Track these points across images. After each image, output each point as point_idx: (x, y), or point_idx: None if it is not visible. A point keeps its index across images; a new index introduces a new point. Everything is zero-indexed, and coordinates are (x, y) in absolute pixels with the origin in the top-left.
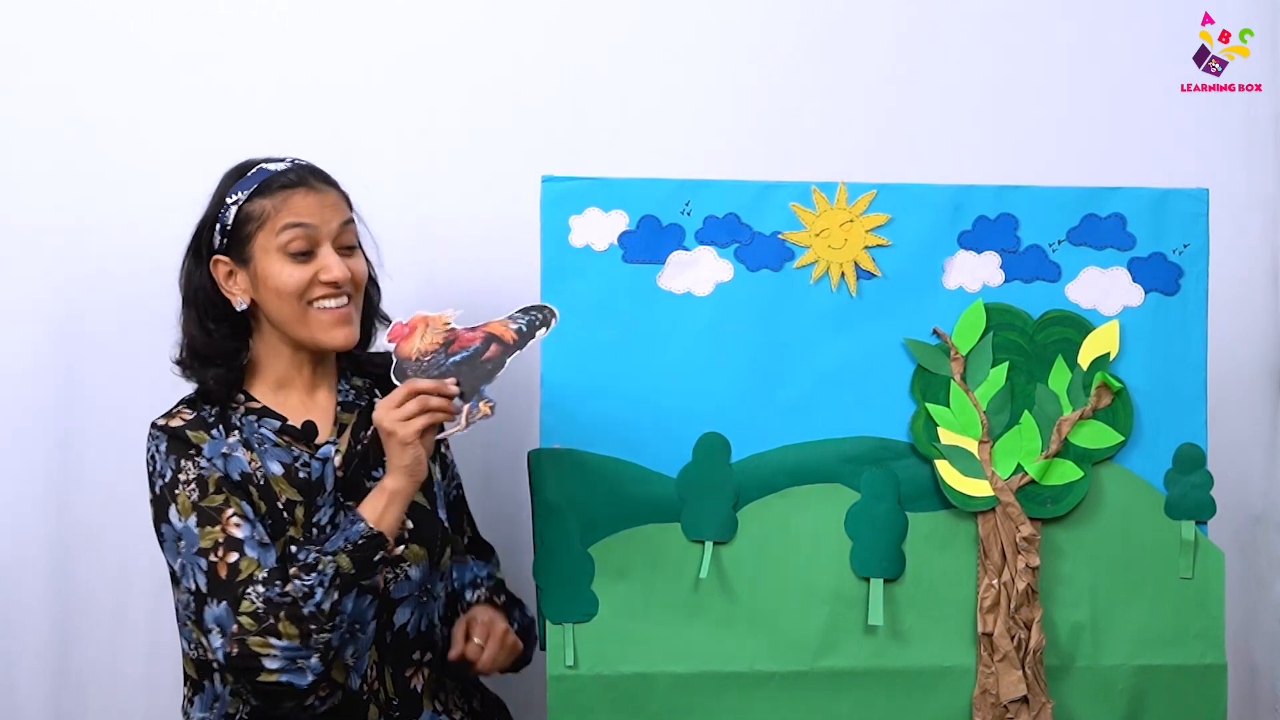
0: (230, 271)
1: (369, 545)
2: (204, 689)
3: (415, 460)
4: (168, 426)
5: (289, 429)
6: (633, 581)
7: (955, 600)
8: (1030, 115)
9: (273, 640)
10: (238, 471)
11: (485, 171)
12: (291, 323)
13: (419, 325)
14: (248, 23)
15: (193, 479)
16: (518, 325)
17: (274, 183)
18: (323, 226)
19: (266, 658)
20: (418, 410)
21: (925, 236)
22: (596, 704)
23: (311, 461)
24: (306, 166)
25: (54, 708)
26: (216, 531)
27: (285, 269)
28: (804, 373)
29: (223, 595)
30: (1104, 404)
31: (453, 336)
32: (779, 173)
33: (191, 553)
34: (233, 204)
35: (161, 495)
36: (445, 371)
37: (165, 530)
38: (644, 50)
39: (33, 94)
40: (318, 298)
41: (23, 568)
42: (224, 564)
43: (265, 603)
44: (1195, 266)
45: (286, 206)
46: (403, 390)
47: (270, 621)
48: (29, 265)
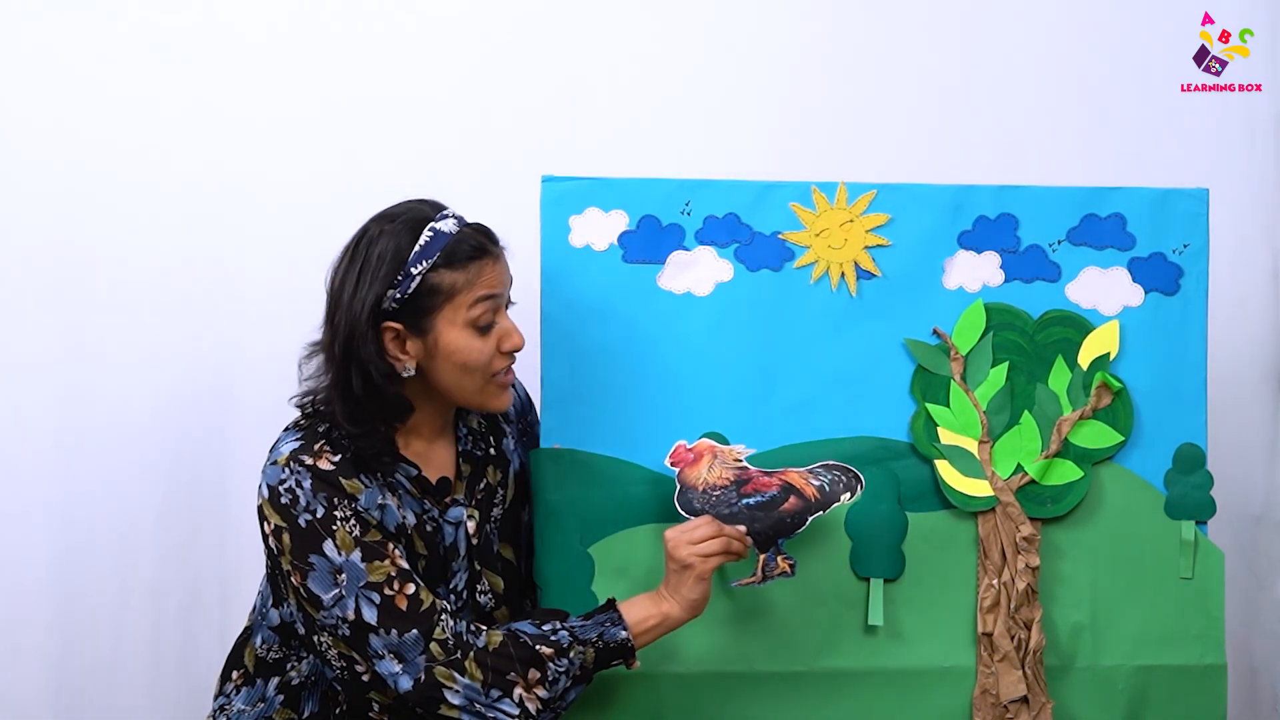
0: (398, 336)
1: (617, 653)
2: (255, 685)
3: (704, 596)
4: (314, 467)
5: (422, 481)
6: (633, 581)
7: (955, 600)
8: (1030, 115)
9: (457, 675)
10: (393, 524)
11: (485, 171)
12: (467, 392)
13: (705, 455)
14: (248, 23)
15: (350, 515)
16: (820, 482)
17: (462, 253)
18: (503, 295)
19: (449, 690)
20: (719, 551)
21: (925, 236)
22: (597, 703)
23: (441, 522)
24: (483, 230)
25: (54, 708)
26: (386, 566)
27: (474, 344)
28: (804, 373)
29: (407, 625)
30: (1104, 404)
31: (745, 476)
32: (779, 173)
33: (358, 586)
34: (418, 275)
35: (311, 529)
36: (737, 512)
37: (317, 562)
38: (644, 50)
39: (31, 93)
40: (502, 369)
41: (23, 568)
42: (402, 596)
43: (455, 636)
44: (1195, 266)
45: (480, 280)
46: (707, 527)
47: (457, 656)
48: (32, 266)
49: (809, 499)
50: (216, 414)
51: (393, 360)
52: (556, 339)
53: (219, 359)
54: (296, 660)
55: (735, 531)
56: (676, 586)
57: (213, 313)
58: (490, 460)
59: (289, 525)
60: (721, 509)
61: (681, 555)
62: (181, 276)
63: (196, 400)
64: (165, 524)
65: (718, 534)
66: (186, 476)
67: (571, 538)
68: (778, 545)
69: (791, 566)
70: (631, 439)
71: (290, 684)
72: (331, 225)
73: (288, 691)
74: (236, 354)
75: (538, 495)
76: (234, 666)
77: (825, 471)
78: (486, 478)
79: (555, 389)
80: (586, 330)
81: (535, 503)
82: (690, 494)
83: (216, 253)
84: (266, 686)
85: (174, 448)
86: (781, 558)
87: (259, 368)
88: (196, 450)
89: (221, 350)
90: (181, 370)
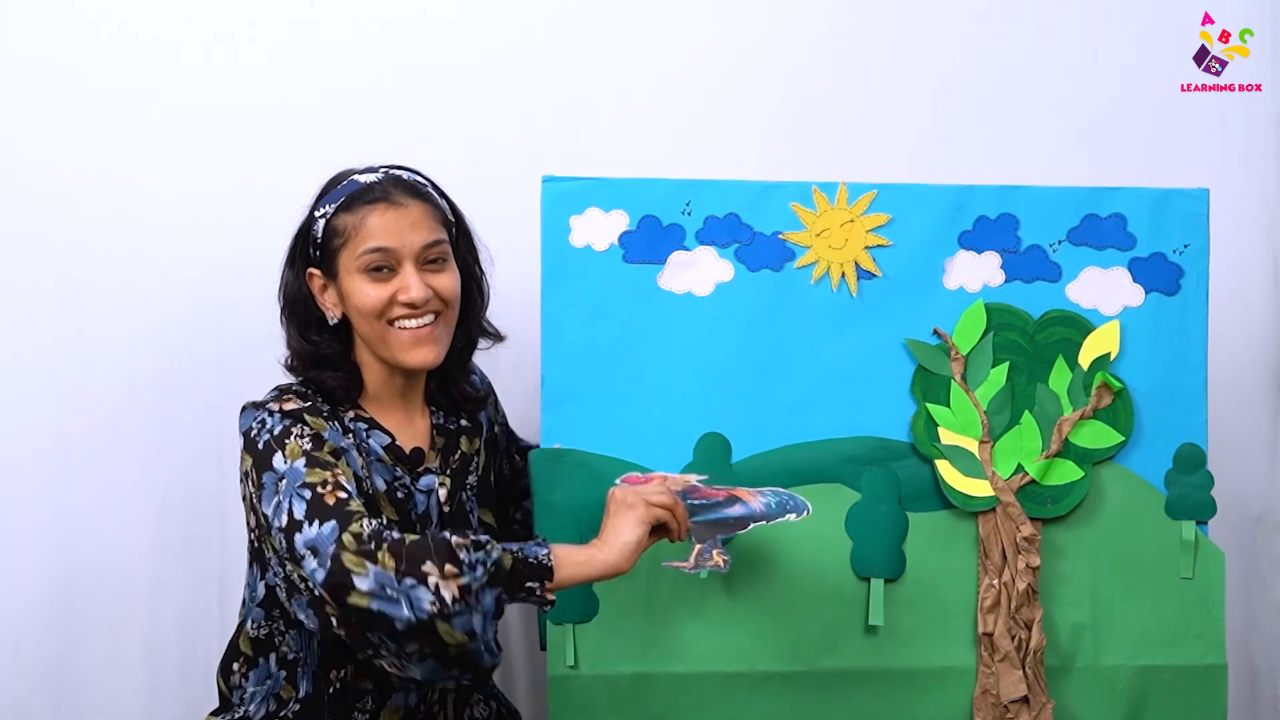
0: (324, 285)
1: (534, 569)
2: (259, 665)
3: (637, 544)
4: (281, 409)
5: (396, 449)
6: (633, 581)
7: (955, 600)
8: (1030, 115)
9: (368, 563)
10: (353, 469)
11: (485, 171)
12: (374, 341)
13: (657, 479)
14: (248, 24)
15: (306, 436)
16: (766, 500)
17: (358, 198)
18: (403, 246)
19: (358, 576)
20: (667, 504)
21: (926, 236)
22: (597, 704)
23: (413, 489)
24: (393, 179)
25: (54, 708)
26: (326, 474)
27: (364, 288)
28: (804, 373)
29: (327, 517)
30: (1104, 404)
31: (693, 490)
32: (779, 173)
33: (295, 486)
34: (321, 217)
35: (267, 446)
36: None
37: (266, 479)
38: (644, 50)
39: (32, 93)
40: (398, 317)
41: (23, 568)
42: (332, 494)
43: (372, 532)
44: (1195, 266)
45: (365, 226)
46: (658, 484)
47: (370, 546)
48: (31, 266)
49: (754, 510)
50: (217, 414)
51: (322, 309)
52: (557, 339)
53: (219, 359)
54: (282, 634)
55: (682, 506)
56: (613, 528)
57: (213, 313)
58: (463, 431)
59: (252, 453)
60: None
61: (627, 497)
62: (182, 276)
63: (196, 400)
64: (165, 524)
65: (667, 492)
66: (186, 476)
67: (571, 538)
68: (716, 539)
69: (725, 562)
70: (631, 439)
71: (286, 659)
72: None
73: (286, 667)
74: (237, 354)
75: (538, 495)
76: (233, 659)
77: (773, 494)
78: (461, 447)
79: (555, 389)
80: (587, 330)
81: (535, 503)
82: None
83: (217, 252)
84: (269, 663)
85: (174, 448)
86: (717, 552)
87: (259, 368)
88: (196, 450)
89: (221, 350)
90: (181, 370)
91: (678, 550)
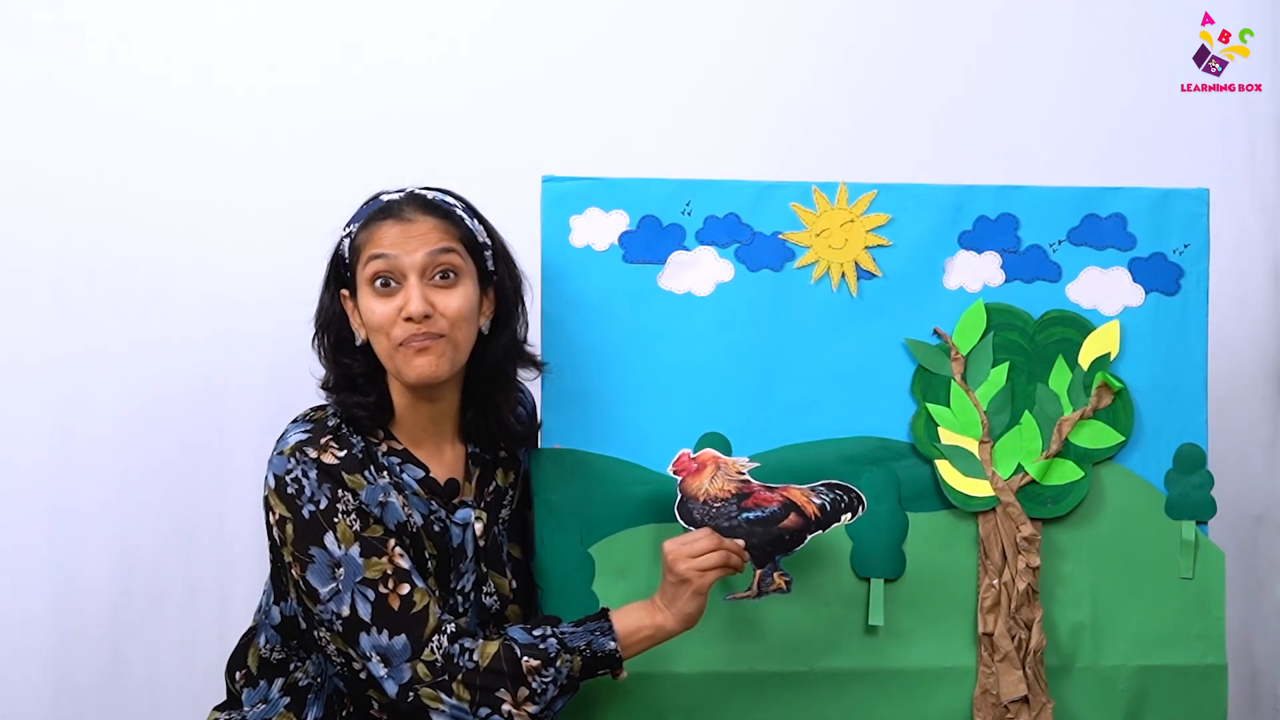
0: (354, 305)
1: (604, 662)
2: (258, 686)
3: (699, 610)
4: (319, 460)
5: (430, 482)
6: (633, 581)
7: (955, 600)
8: (1030, 115)
9: (443, 695)
10: (394, 521)
11: (485, 171)
12: (386, 360)
13: (709, 464)
14: (248, 24)
15: (352, 510)
16: (821, 501)
17: (375, 214)
18: (405, 256)
19: (434, 711)
20: (717, 565)
21: (926, 236)
22: (597, 703)
23: (449, 523)
24: (411, 196)
25: (54, 707)
26: (384, 563)
27: (371, 302)
28: (804, 373)
29: (397, 629)
30: (1104, 404)
31: (747, 490)
32: (779, 173)
33: (355, 581)
34: (344, 236)
35: (314, 520)
36: (736, 526)
37: (317, 554)
38: (645, 51)
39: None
40: (404, 336)
41: (22, 568)
42: (395, 596)
43: (445, 658)
44: (1195, 266)
45: (372, 238)
46: (706, 541)
47: (444, 678)
48: (31, 266)
49: (809, 517)
50: (216, 414)
51: (354, 330)
52: (557, 339)
53: (219, 359)
54: (300, 661)
55: (734, 545)
56: (673, 599)
57: (213, 313)
58: (500, 463)
59: (293, 516)
60: (721, 522)
61: (680, 569)
62: (182, 277)
63: (196, 400)
64: (165, 524)
65: (716, 547)
66: (186, 476)
67: (572, 538)
68: (775, 561)
69: (787, 583)
70: (632, 439)
71: (297, 685)
72: (332, 226)
73: (294, 694)
74: (237, 354)
75: (538, 495)
76: (237, 667)
77: (827, 490)
78: (496, 480)
79: (555, 389)
80: (587, 330)
81: (535, 503)
82: (690, 505)
83: (217, 254)
84: (270, 688)
85: (173, 448)
86: (778, 574)
87: (259, 368)
88: (196, 450)
89: (222, 351)
90: (181, 370)
91: (738, 582)
